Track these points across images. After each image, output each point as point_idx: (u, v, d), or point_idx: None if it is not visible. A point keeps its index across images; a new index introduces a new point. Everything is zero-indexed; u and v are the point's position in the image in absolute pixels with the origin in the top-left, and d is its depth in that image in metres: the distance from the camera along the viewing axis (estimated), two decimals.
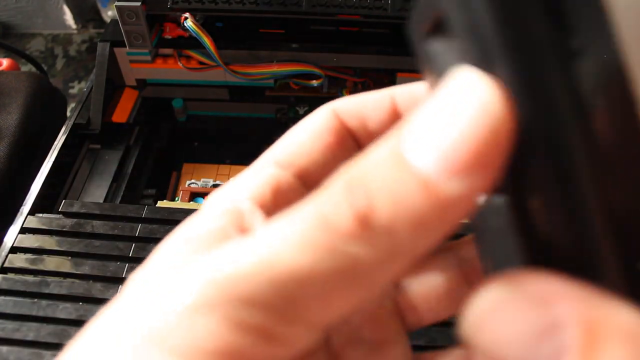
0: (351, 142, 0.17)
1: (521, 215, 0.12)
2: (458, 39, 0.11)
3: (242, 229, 0.14)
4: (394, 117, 0.17)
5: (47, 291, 0.41)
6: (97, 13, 1.29)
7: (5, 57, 0.82)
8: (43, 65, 0.89)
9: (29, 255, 0.43)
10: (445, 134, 0.10)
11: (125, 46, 0.55)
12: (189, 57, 0.57)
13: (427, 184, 0.11)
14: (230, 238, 0.14)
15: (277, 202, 0.15)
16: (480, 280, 0.17)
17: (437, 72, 0.13)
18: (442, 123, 0.11)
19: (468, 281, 0.17)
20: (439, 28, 0.13)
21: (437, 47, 0.13)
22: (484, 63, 0.11)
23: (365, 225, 0.11)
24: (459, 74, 0.11)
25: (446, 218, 0.11)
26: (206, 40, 0.52)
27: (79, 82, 1.22)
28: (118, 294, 0.14)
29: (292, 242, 0.11)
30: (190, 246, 0.14)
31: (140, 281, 0.14)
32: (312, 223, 0.11)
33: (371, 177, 0.11)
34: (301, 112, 0.62)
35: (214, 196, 0.16)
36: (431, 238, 0.11)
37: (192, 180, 0.57)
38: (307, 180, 0.16)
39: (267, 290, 0.11)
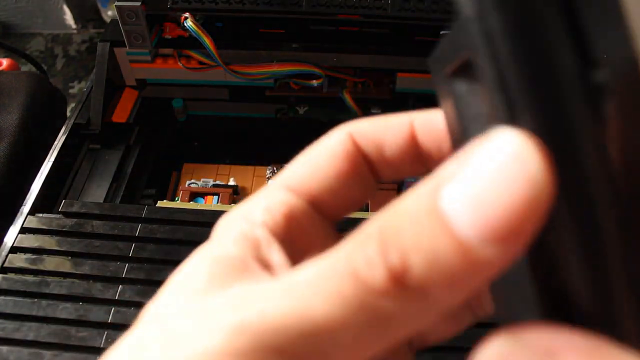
0: (366, 169, 0.17)
1: (538, 264, 0.12)
2: (485, 86, 0.11)
3: (261, 260, 0.14)
4: (412, 145, 0.16)
5: (47, 291, 0.41)
6: (97, 13, 1.29)
7: (5, 57, 0.82)
8: (43, 65, 0.89)
9: (29, 255, 0.43)
10: (490, 201, 0.10)
11: (125, 46, 0.55)
12: (189, 57, 0.57)
13: (465, 247, 0.10)
14: (250, 270, 0.14)
15: (290, 228, 0.15)
16: (480, 305, 0.17)
17: (459, 113, 0.13)
18: (486, 188, 0.10)
19: (469, 304, 0.18)
20: (463, 69, 0.13)
21: (461, 87, 0.13)
22: (512, 118, 0.11)
23: (399, 284, 0.11)
24: (503, 133, 0.11)
25: (479, 279, 0.11)
26: (206, 40, 0.52)
27: (79, 82, 1.22)
28: (129, 328, 0.13)
29: (324, 295, 0.11)
30: (208, 276, 0.14)
31: (157, 316, 0.13)
32: (345, 277, 0.11)
33: (407, 234, 0.11)
34: (301, 112, 0.62)
35: (226, 219, 0.16)
36: (461, 296, 0.11)
37: (192, 180, 0.57)
38: (320, 207, 0.16)
39: (298, 341, 0.11)
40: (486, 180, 0.10)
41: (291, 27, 0.57)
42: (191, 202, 0.53)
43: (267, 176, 0.57)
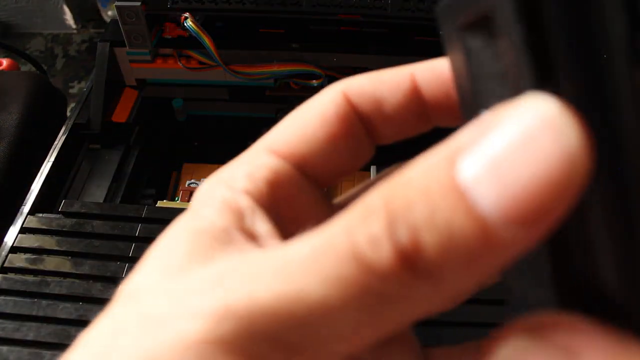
0: (361, 130, 0.15)
1: (559, 246, 0.11)
2: (505, 44, 0.10)
3: (245, 231, 0.13)
4: (414, 99, 0.15)
5: (47, 291, 0.41)
6: (97, 13, 1.28)
7: (5, 57, 0.82)
8: (43, 65, 0.89)
9: (29, 255, 0.43)
10: (517, 176, 0.09)
11: (125, 46, 0.55)
12: (189, 57, 0.57)
13: (485, 227, 0.09)
14: (234, 242, 0.13)
15: (275, 195, 0.14)
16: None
17: (471, 70, 0.12)
18: (514, 161, 0.09)
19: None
20: (480, 22, 0.12)
21: (475, 42, 0.12)
22: (542, 82, 0.10)
23: (407, 266, 0.10)
24: (535, 98, 0.09)
25: (497, 262, 0.10)
26: (206, 40, 0.52)
27: (79, 82, 1.22)
28: (106, 308, 0.12)
29: (320, 277, 0.10)
30: (188, 249, 0.12)
31: (133, 296, 0.12)
32: (345, 257, 0.10)
33: (418, 208, 0.10)
34: None
35: (206, 186, 0.14)
36: (474, 280, 0.10)
37: (192, 180, 0.57)
38: (309, 172, 0.15)
39: (290, 328, 0.10)
40: (514, 151, 0.09)
41: (291, 27, 0.57)
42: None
43: None
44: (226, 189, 0.14)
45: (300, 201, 0.15)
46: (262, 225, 0.13)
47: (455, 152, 0.10)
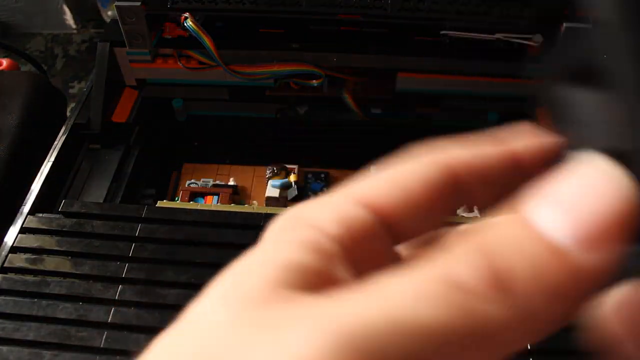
0: (454, 198, 0.15)
1: None
2: (619, 96, 0.11)
3: (330, 275, 0.13)
4: (516, 175, 0.15)
5: (47, 291, 0.41)
6: (97, 13, 1.28)
7: (5, 57, 0.82)
8: (43, 65, 0.89)
9: (29, 255, 0.43)
10: (582, 210, 0.12)
11: (125, 46, 0.55)
12: (189, 57, 0.57)
13: (563, 255, 0.11)
14: (322, 283, 0.13)
15: (359, 246, 0.14)
16: None
17: (571, 121, 0.13)
18: (579, 201, 0.12)
19: None
20: (585, 76, 0.12)
21: (579, 96, 0.13)
22: None
23: (500, 287, 0.11)
24: (593, 159, 0.12)
25: (582, 288, 0.12)
26: (206, 40, 0.52)
27: (79, 82, 1.21)
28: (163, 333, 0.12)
29: (422, 298, 0.11)
30: (270, 283, 0.12)
31: (201, 324, 0.12)
32: (442, 281, 0.11)
33: (504, 246, 0.12)
34: (301, 112, 0.62)
35: (284, 222, 0.14)
36: (566, 308, 0.12)
37: (192, 180, 0.57)
38: (392, 229, 0.15)
39: (400, 346, 0.11)
40: (578, 194, 0.12)
41: (291, 27, 0.57)
42: (191, 202, 0.53)
43: (267, 176, 0.57)
44: (312, 229, 0.14)
45: (379, 256, 0.15)
46: (344, 273, 0.13)
47: (531, 201, 0.12)
